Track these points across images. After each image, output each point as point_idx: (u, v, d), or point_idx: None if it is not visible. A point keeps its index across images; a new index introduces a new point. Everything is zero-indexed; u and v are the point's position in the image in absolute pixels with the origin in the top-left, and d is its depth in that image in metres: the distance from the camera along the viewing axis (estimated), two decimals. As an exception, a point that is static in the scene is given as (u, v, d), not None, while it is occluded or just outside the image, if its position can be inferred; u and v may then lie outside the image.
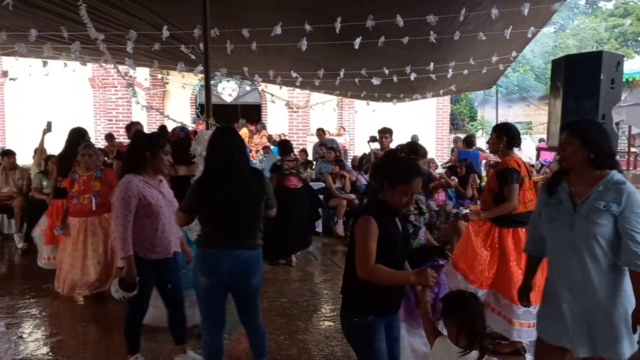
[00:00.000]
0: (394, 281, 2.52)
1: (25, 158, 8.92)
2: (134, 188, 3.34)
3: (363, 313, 2.57)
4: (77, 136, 5.88)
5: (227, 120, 14.71)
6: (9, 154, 7.87)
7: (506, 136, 4.13)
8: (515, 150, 4.20)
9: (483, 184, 8.30)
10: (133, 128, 6.46)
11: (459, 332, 2.36)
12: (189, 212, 3.17)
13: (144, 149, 3.46)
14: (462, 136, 15.60)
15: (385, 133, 6.89)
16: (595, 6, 35.33)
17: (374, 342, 2.58)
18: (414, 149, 3.72)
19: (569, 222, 2.61)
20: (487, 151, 11.12)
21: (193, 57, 6.89)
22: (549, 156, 13.06)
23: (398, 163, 2.75)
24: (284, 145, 7.26)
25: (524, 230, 4.00)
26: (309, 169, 8.26)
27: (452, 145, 13.61)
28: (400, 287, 2.68)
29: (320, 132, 11.80)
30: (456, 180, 8.16)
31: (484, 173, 10.00)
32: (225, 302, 3.25)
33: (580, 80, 5.46)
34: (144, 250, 3.45)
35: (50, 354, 4.14)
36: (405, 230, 2.75)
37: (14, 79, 8.53)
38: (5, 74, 7.73)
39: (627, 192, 2.50)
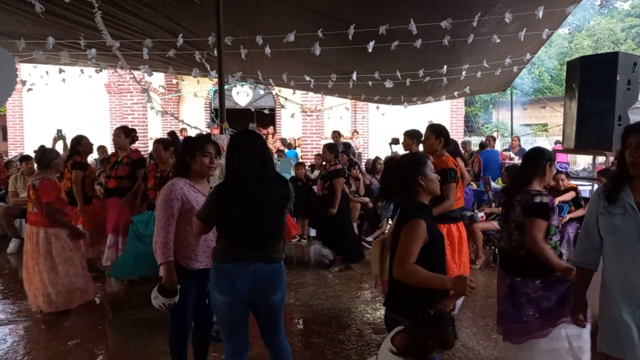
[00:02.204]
0: (430, 284, 2.39)
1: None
2: (177, 191, 3.19)
3: (400, 314, 2.51)
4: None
5: (242, 125, 14.83)
6: (27, 159, 7.99)
7: (444, 137, 4.39)
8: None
9: (498, 186, 8.27)
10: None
11: (404, 340, 2.29)
12: (207, 221, 2.90)
13: (183, 154, 3.37)
14: (473, 140, 15.47)
15: (412, 137, 6.78)
16: (610, 7, 34.95)
17: None
18: (541, 151, 3.47)
19: (636, 232, 2.39)
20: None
21: (207, 66, 6.96)
22: (565, 158, 12.95)
23: (410, 157, 2.78)
24: (334, 149, 7.11)
25: (457, 225, 4.37)
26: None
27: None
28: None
29: (336, 134, 11.75)
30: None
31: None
32: (247, 321, 2.97)
33: (596, 82, 5.39)
34: (185, 258, 3.23)
35: (67, 357, 4.19)
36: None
37: (31, 89, 8.67)
38: (24, 83, 7.85)
39: None
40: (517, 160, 10.42)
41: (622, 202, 2.45)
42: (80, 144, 6.18)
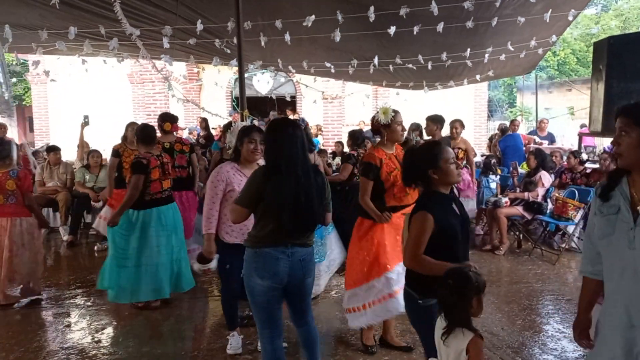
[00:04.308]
0: (436, 271, 2.44)
1: (68, 154, 9.19)
2: (223, 174, 3.61)
3: (426, 296, 2.60)
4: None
5: (263, 112, 14.86)
6: (55, 150, 8.12)
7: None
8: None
9: (523, 170, 8.14)
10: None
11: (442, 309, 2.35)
12: (249, 206, 2.91)
13: (237, 140, 3.69)
14: (495, 124, 15.17)
15: (427, 121, 6.67)
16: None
17: (434, 325, 2.50)
18: None
19: (627, 237, 1.96)
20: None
21: (228, 51, 6.94)
22: (591, 142, 12.70)
23: (425, 149, 2.78)
24: (357, 136, 6.91)
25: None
26: None
27: (495, 132, 12.99)
28: None
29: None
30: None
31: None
32: (281, 305, 3.08)
33: (624, 63, 5.24)
34: (223, 233, 3.70)
35: (95, 343, 4.28)
36: (463, 213, 2.73)
37: (54, 80, 8.78)
38: (47, 73, 7.95)
39: None
40: (547, 145, 10.20)
41: (616, 200, 2.03)
42: (126, 130, 6.48)
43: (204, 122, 11.19)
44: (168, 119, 5.78)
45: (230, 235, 3.70)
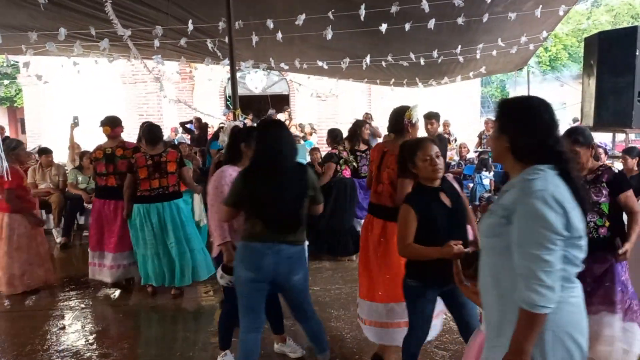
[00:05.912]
0: (425, 256, 2.75)
1: (61, 155, 9.14)
2: (227, 177, 3.43)
3: (412, 278, 2.93)
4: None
5: (257, 111, 14.82)
6: (47, 152, 8.06)
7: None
8: None
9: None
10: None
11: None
12: (235, 205, 3.09)
13: (239, 142, 3.56)
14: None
15: (431, 118, 6.73)
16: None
17: (417, 305, 2.94)
18: None
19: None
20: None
21: (220, 54, 6.93)
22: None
23: (409, 144, 2.96)
24: (335, 134, 6.91)
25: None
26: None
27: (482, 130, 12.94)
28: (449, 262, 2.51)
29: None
30: None
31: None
32: (264, 299, 3.17)
33: (614, 57, 5.29)
34: (237, 238, 3.38)
35: (89, 345, 4.26)
36: (456, 203, 2.90)
37: (47, 82, 8.73)
38: (39, 77, 7.89)
39: (525, 192, 1.76)
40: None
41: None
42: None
43: (198, 122, 11.18)
44: (107, 123, 5.44)
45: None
